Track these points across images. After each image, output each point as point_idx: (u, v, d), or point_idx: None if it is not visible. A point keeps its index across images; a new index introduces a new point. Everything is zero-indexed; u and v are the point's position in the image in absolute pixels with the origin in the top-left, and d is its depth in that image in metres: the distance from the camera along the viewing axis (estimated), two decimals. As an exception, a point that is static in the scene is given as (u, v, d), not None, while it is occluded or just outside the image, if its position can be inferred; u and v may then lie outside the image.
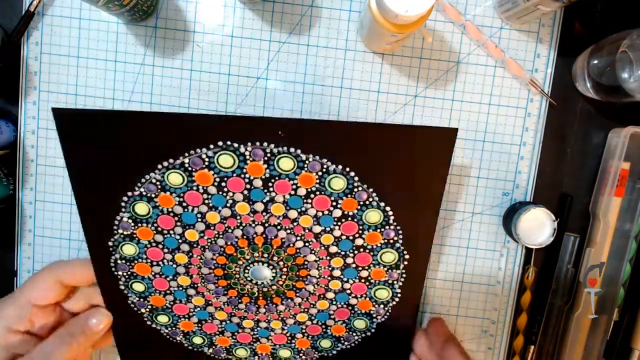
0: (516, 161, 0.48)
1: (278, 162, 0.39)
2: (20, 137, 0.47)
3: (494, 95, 0.47)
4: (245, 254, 0.43)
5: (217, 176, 0.40)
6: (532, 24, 0.46)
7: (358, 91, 0.47)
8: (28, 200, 0.48)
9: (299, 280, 0.44)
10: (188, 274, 0.44)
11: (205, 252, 0.43)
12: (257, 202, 0.41)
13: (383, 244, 0.43)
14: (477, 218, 0.49)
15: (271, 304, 0.46)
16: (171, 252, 0.43)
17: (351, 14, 0.46)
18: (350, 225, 0.42)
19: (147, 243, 0.43)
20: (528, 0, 0.41)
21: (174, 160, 0.39)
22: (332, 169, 0.40)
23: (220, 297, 0.45)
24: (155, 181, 0.40)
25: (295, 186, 0.40)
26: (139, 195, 0.41)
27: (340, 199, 0.41)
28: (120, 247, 0.43)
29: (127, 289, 0.44)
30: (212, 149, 0.39)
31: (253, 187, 0.40)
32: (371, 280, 0.45)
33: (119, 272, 0.44)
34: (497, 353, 0.51)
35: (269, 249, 0.43)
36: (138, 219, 0.42)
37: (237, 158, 0.39)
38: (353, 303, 0.46)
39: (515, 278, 0.50)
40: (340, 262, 0.44)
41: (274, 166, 0.40)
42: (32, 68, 0.47)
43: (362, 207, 0.41)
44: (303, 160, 0.39)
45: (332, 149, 0.39)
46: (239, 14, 0.46)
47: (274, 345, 0.48)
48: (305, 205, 0.41)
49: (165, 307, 0.46)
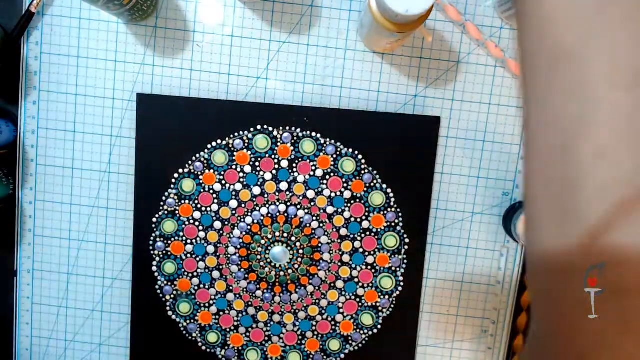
0: (516, 161, 0.48)
1: (302, 145, 0.46)
2: (20, 137, 0.47)
3: (494, 95, 0.47)
4: (268, 233, 0.48)
5: (253, 156, 0.46)
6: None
7: (358, 91, 0.47)
8: (28, 200, 0.48)
9: (313, 265, 0.48)
10: (216, 254, 0.48)
11: (234, 230, 0.48)
12: (283, 182, 0.47)
13: (386, 227, 0.48)
14: (477, 218, 0.49)
15: (286, 292, 0.49)
16: (205, 230, 0.48)
17: (351, 14, 0.46)
18: (358, 207, 0.47)
19: (186, 220, 0.47)
20: None
21: (221, 140, 0.46)
22: (344, 152, 0.46)
23: (241, 282, 0.49)
24: (203, 160, 0.46)
25: (314, 167, 0.47)
26: (188, 172, 0.47)
27: (350, 181, 0.47)
28: (162, 225, 0.47)
29: (158, 270, 0.48)
30: (252, 132, 0.46)
31: (280, 167, 0.47)
32: (376, 267, 0.48)
33: (155, 251, 0.48)
34: (497, 353, 0.51)
35: (289, 229, 0.48)
36: (183, 196, 0.47)
37: (270, 140, 0.46)
38: (360, 294, 0.49)
39: (516, 278, 0.50)
40: (350, 247, 0.48)
41: (299, 148, 0.46)
42: (32, 68, 0.47)
43: (368, 189, 0.47)
44: (322, 144, 0.46)
45: (344, 134, 0.46)
46: (239, 14, 0.46)
47: (284, 346, 0.50)
48: (322, 186, 0.47)
49: (189, 293, 0.49)
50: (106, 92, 0.47)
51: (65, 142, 0.48)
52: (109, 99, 0.47)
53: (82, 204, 0.48)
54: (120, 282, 0.50)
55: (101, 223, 0.49)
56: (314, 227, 0.48)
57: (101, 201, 0.48)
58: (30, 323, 0.50)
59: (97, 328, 0.50)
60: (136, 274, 0.48)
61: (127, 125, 0.47)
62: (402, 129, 0.46)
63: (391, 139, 0.46)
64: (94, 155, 0.48)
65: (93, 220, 0.49)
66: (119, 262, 0.49)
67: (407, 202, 0.47)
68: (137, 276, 0.48)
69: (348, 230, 0.48)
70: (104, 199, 0.48)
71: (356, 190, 0.47)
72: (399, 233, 0.48)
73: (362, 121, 0.46)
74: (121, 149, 0.48)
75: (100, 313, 0.50)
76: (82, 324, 0.50)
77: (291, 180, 0.47)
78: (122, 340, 0.50)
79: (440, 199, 0.48)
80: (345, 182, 0.47)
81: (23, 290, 0.50)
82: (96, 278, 0.50)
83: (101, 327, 0.50)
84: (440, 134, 0.48)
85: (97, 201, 0.48)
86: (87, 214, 0.49)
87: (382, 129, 0.46)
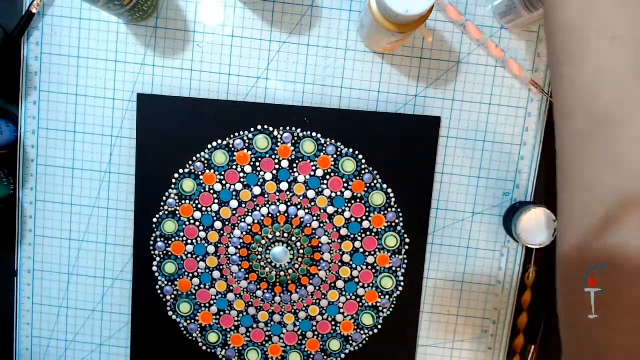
0: (516, 161, 0.48)
1: (303, 145, 0.46)
2: (20, 137, 0.47)
3: (494, 95, 0.47)
4: (269, 233, 0.48)
5: (254, 156, 0.47)
6: (533, 24, 0.46)
7: (358, 91, 0.47)
8: (28, 200, 0.48)
9: (313, 265, 0.48)
10: (217, 254, 0.48)
11: (234, 230, 0.48)
12: (283, 182, 0.47)
13: (386, 227, 0.48)
14: (477, 218, 0.49)
15: (286, 292, 0.49)
16: (206, 230, 0.48)
17: (351, 14, 0.46)
18: (359, 207, 0.47)
19: (187, 220, 0.47)
20: (532, 12, 0.40)
21: (222, 140, 0.46)
22: (345, 152, 0.46)
23: (242, 282, 0.49)
24: (203, 160, 0.47)
25: (315, 167, 0.47)
26: (188, 172, 0.47)
27: (350, 181, 0.47)
28: (163, 225, 0.47)
29: (158, 270, 0.48)
30: (252, 132, 0.46)
31: (281, 168, 0.47)
32: (377, 267, 0.48)
33: (156, 251, 0.48)
34: (498, 353, 0.51)
35: (289, 229, 0.48)
36: (183, 196, 0.47)
37: (270, 140, 0.46)
38: (361, 294, 0.49)
39: (516, 278, 0.50)
40: (350, 247, 0.48)
41: (299, 149, 0.46)
42: (33, 68, 0.47)
43: (369, 189, 0.47)
44: (322, 144, 0.46)
45: (344, 134, 0.46)
46: (239, 14, 0.46)
47: (284, 346, 0.50)
48: (322, 186, 0.47)
49: (189, 293, 0.49)
50: (106, 92, 0.47)
51: (66, 142, 0.48)
52: (109, 99, 0.47)
53: (83, 204, 0.48)
54: (120, 282, 0.50)
55: (102, 223, 0.49)
56: (314, 227, 0.48)
57: (102, 201, 0.48)
58: (30, 323, 0.50)
59: (98, 328, 0.50)
60: (137, 274, 0.48)
61: (127, 125, 0.47)
62: (402, 129, 0.46)
63: (391, 139, 0.46)
64: (94, 155, 0.48)
65: (93, 220, 0.49)
66: (120, 262, 0.49)
67: (408, 202, 0.47)
68: (138, 276, 0.48)
69: (348, 230, 0.48)
70: (105, 199, 0.48)
71: (356, 190, 0.47)
72: (399, 233, 0.48)
73: (362, 121, 0.46)
74: (121, 149, 0.48)
75: (101, 313, 0.50)
76: (83, 324, 0.50)
77: (292, 181, 0.47)
78: (122, 341, 0.50)
79: (440, 199, 0.48)
80: (345, 182, 0.47)
81: (23, 291, 0.50)
82: (97, 278, 0.50)
83: (102, 327, 0.50)
84: (441, 134, 0.48)
85: (97, 201, 0.48)
86: (87, 214, 0.49)
87: (383, 129, 0.46)
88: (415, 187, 0.47)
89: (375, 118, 0.46)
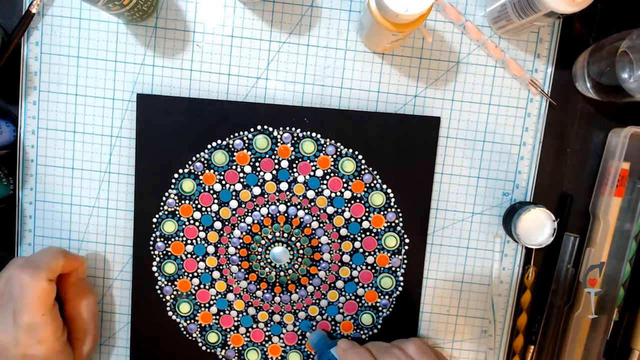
0: (516, 161, 0.48)
1: (302, 145, 0.46)
2: (20, 137, 0.47)
3: (494, 95, 0.47)
4: (268, 233, 0.48)
5: (253, 157, 0.47)
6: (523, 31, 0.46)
7: (358, 91, 0.47)
8: (28, 200, 0.48)
9: (313, 265, 0.48)
10: (216, 254, 0.48)
11: (234, 230, 0.48)
12: (283, 182, 0.47)
13: (386, 227, 0.48)
14: (477, 218, 0.49)
15: (286, 292, 0.49)
16: (205, 230, 0.48)
17: (351, 14, 0.46)
18: (358, 207, 0.48)
19: (186, 220, 0.48)
20: (523, 18, 0.41)
21: (222, 140, 0.46)
22: (344, 152, 0.47)
23: (241, 282, 0.49)
24: (203, 160, 0.47)
25: (314, 167, 0.47)
26: (188, 172, 0.47)
27: (350, 181, 0.47)
28: (163, 225, 0.48)
29: (158, 270, 0.48)
30: (252, 132, 0.46)
31: (280, 168, 0.47)
32: (377, 267, 0.48)
33: (156, 251, 0.48)
34: (497, 353, 0.51)
35: (289, 229, 0.48)
36: (183, 196, 0.47)
37: (270, 141, 0.46)
38: (360, 294, 0.49)
39: (515, 278, 0.50)
40: (350, 247, 0.48)
41: (299, 149, 0.47)
42: (32, 68, 0.47)
43: (368, 189, 0.47)
44: (322, 144, 0.47)
45: (344, 134, 0.46)
46: (239, 14, 0.46)
47: (284, 346, 0.50)
48: (322, 186, 0.47)
49: (189, 293, 0.49)
50: (106, 92, 0.47)
51: (65, 142, 0.48)
52: (109, 99, 0.47)
53: (82, 204, 0.48)
54: (120, 282, 0.50)
55: (101, 223, 0.49)
56: (314, 227, 0.48)
57: (101, 201, 0.48)
58: (30, 323, 0.50)
59: (97, 328, 0.50)
60: (136, 274, 0.48)
61: (127, 125, 0.47)
62: (402, 129, 0.46)
63: (391, 139, 0.47)
64: (94, 155, 0.48)
65: (93, 220, 0.49)
66: (119, 262, 0.49)
67: (407, 202, 0.47)
68: (137, 276, 0.48)
69: (348, 230, 0.48)
70: (104, 199, 0.48)
71: (356, 191, 0.47)
72: (399, 233, 0.48)
73: (362, 121, 0.46)
74: (121, 149, 0.48)
75: (101, 313, 0.50)
76: (82, 324, 0.50)
77: (291, 181, 0.47)
78: (122, 340, 0.50)
79: (440, 199, 0.48)
80: (345, 182, 0.47)
81: (23, 291, 0.50)
82: (96, 278, 0.50)
83: (101, 327, 0.50)
84: (440, 134, 0.48)
85: (97, 201, 0.48)
86: (87, 214, 0.49)
87: (382, 129, 0.46)
88: (415, 187, 0.47)
89: (375, 118, 0.46)
